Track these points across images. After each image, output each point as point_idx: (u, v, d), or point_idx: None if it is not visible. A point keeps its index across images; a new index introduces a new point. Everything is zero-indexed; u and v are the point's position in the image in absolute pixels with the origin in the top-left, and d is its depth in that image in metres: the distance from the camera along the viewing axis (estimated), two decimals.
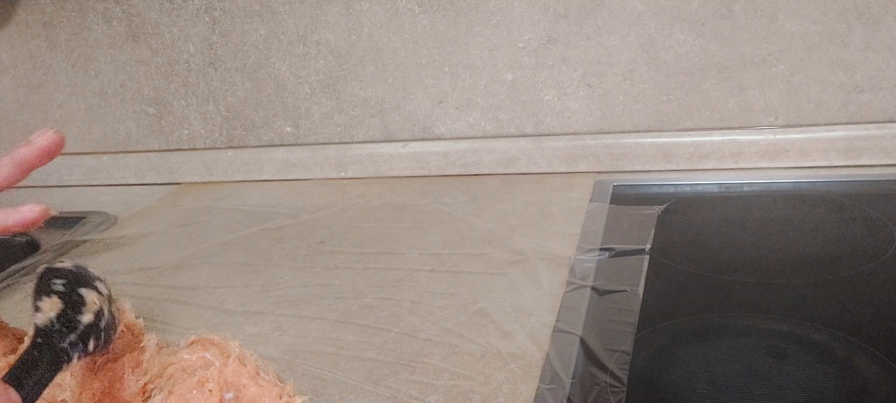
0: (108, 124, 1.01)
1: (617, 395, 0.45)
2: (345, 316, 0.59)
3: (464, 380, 0.48)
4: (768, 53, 0.76)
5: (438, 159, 0.89)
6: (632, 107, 0.82)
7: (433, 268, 0.65)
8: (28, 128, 1.03)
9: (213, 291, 0.65)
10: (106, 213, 0.89)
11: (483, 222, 0.74)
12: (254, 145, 0.96)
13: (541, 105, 0.85)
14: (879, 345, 0.48)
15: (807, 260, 0.62)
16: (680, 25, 0.78)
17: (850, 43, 0.74)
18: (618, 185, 0.79)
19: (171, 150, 1.00)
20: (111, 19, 0.95)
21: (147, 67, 0.96)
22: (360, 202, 0.84)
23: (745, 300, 0.57)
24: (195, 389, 0.41)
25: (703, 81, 0.79)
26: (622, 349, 0.50)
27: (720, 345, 0.51)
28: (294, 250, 0.73)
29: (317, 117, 0.93)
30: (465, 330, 0.54)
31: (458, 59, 0.85)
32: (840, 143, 0.77)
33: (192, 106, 0.96)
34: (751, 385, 0.45)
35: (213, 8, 0.90)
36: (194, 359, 0.43)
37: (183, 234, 0.81)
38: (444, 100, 0.87)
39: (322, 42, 0.89)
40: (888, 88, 0.75)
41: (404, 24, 0.85)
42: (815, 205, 0.72)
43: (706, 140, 0.80)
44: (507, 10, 0.82)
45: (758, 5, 0.75)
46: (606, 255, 0.63)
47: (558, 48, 0.82)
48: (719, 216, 0.72)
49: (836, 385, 0.45)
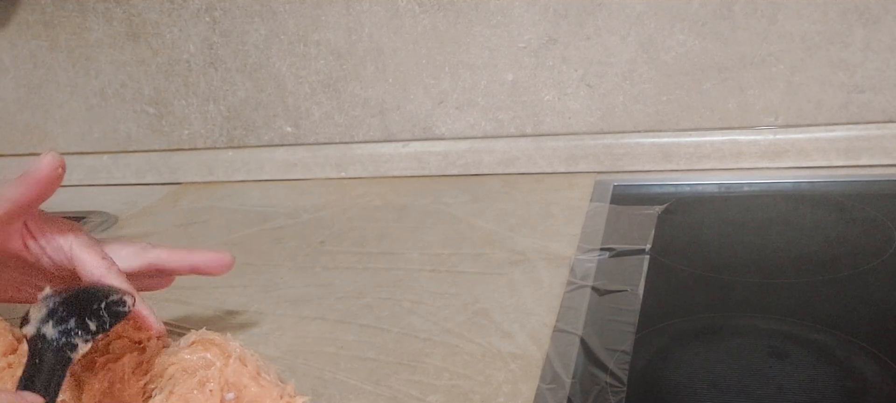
0: (108, 124, 1.01)
1: (617, 395, 0.45)
2: (345, 316, 0.59)
3: (464, 380, 0.48)
4: (768, 53, 0.77)
5: (438, 159, 0.89)
6: (632, 107, 0.82)
7: (433, 268, 0.65)
8: (28, 129, 1.03)
9: (214, 291, 0.65)
10: (107, 213, 0.89)
11: (483, 222, 0.74)
12: (254, 145, 0.96)
13: (541, 105, 0.85)
14: (879, 345, 0.48)
15: (807, 260, 0.62)
16: (680, 25, 0.78)
17: (850, 43, 0.74)
18: (618, 185, 0.79)
19: (171, 150, 1.00)
20: (112, 19, 0.95)
21: (147, 67, 0.96)
22: (361, 202, 0.84)
23: (745, 300, 0.57)
24: (196, 389, 0.41)
25: (703, 81, 0.79)
26: (622, 349, 0.50)
27: (720, 345, 0.51)
28: (294, 250, 0.73)
29: (317, 117, 0.93)
30: (465, 330, 0.55)
31: (458, 59, 0.85)
32: (840, 143, 0.77)
33: (192, 106, 0.97)
34: (751, 385, 0.46)
35: (213, 8, 0.91)
36: (195, 359, 0.43)
37: (183, 234, 0.81)
38: (445, 100, 0.87)
39: (322, 42, 0.89)
40: (888, 88, 0.75)
41: (405, 24, 0.85)
42: (815, 205, 0.72)
43: (706, 140, 0.80)
44: (508, 10, 0.82)
45: (758, 5, 0.75)
46: (606, 255, 0.63)
47: (558, 48, 0.82)
48: (719, 216, 0.72)
49: (836, 385, 0.45)
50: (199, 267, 0.49)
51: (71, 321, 0.39)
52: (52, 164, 0.41)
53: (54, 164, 0.41)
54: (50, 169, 0.41)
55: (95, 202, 0.95)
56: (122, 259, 0.46)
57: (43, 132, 1.03)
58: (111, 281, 0.44)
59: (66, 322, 0.39)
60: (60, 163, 0.42)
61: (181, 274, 0.51)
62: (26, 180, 0.42)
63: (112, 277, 0.44)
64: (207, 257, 0.49)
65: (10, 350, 0.47)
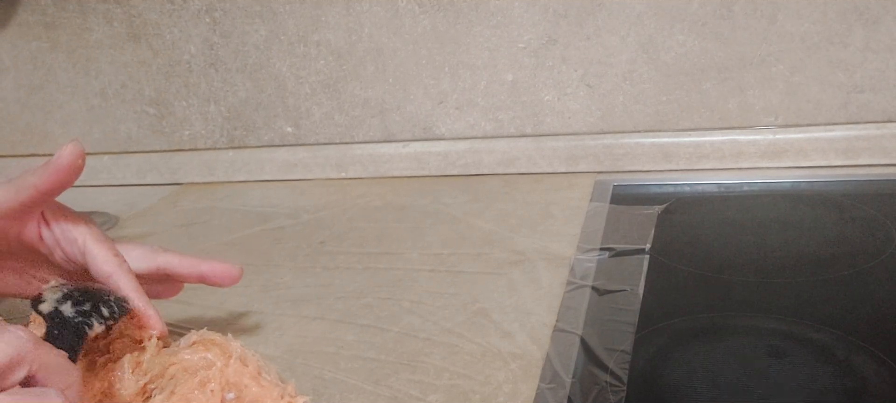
0: (109, 125, 1.01)
1: (617, 394, 0.45)
2: (345, 316, 0.59)
3: (464, 380, 0.49)
4: (768, 53, 0.77)
5: (438, 159, 0.89)
6: (632, 107, 0.82)
7: (433, 268, 0.65)
8: (28, 129, 1.04)
9: (214, 292, 0.65)
10: (107, 214, 0.90)
11: (483, 222, 0.74)
12: (254, 145, 0.96)
13: (541, 105, 0.85)
14: (879, 344, 0.48)
15: (806, 260, 0.62)
16: (680, 25, 0.78)
17: (849, 43, 0.75)
18: (618, 185, 0.79)
19: (172, 151, 1.00)
20: (112, 20, 0.95)
21: (148, 68, 0.96)
22: (361, 202, 0.84)
23: (744, 299, 0.57)
24: (197, 389, 0.41)
25: (703, 81, 0.79)
26: (622, 348, 0.50)
27: (720, 345, 0.51)
28: (295, 250, 0.73)
29: (317, 117, 0.93)
30: (465, 330, 0.55)
31: (458, 59, 0.85)
32: (839, 143, 0.77)
33: (193, 106, 0.97)
34: (751, 385, 0.46)
35: (213, 9, 0.91)
36: (196, 359, 0.43)
37: (184, 234, 0.81)
38: (445, 101, 0.88)
39: (322, 42, 0.89)
40: (888, 88, 0.75)
41: (404, 24, 0.85)
42: (815, 205, 0.72)
43: (706, 140, 0.80)
44: (507, 10, 0.82)
45: (758, 5, 0.75)
46: (606, 255, 0.63)
47: (558, 48, 0.82)
48: (719, 216, 0.72)
49: (835, 385, 0.45)
50: (207, 276, 0.50)
51: (86, 304, 0.41)
52: (75, 153, 0.43)
53: (76, 153, 0.43)
54: (72, 157, 0.43)
55: (96, 202, 0.95)
56: (133, 260, 0.47)
57: (43, 132, 1.03)
58: (121, 278, 0.44)
59: (82, 304, 0.41)
60: (82, 153, 0.43)
61: (189, 281, 0.52)
62: (49, 168, 0.43)
63: (122, 274, 0.44)
64: (216, 268, 0.50)
65: None
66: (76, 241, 0.46)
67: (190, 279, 0.51)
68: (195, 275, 0.50)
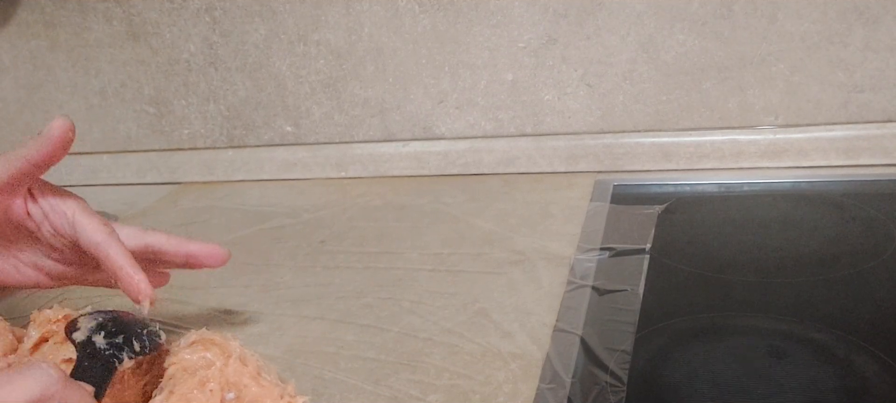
0: (108, 124, 1.01)
1: (617, 394, 0.45)
2: (345, 316, 0.59)
3: (464, 380, 0.49)
4: (768, 53, 0.77)
5: (438, 159, 0.89)
6: (632, 107, 0.82)
7: (433, 268, 0.65)
8: (28, 128, 1.04)
9: (214, 291, 0.65)
10: (107, 213, 0.89)
11: (483, 222, 0.74)
12: (254, 145, 0.96)
13: (541, 105, 0.85)
14: (879, 344, 0.48)
15: (807, 260, 0.62)
16: (680, 25, 0.78)
17: (849, 43, 0.75)
18: (618, 185, 0.79)
19: (171, 150, 1.00)
20: (112, 19, 0.95)
21: (147, 67, 0.96)
22: (361, 202, 0.84)
23: (745, 299, 0.57)
24: (196, 389, 0.41)
25: (703, 81, 0.79)
26: (622, 348, 0.50)
27: (720, 345, 0.51)
28: (294, 250, 0.73)
29: (317, 117, 0.93)
30: (465, 330, 0.55)
31: (458, 58, 0.85)
32: (839, 143, 0.77)
33: (192, 105, 0.97)
34: (751, 385, 0.46)
35: (213, 8, 0.91)
36: (195, 359, 0.43)
37: (183, 234, 0.80)
38: (445, 100, 0.87)
39: (322, 42, 0.89)
40: (888, 88, 0.75)
41: (404, 24, 0.85)
42: (815, 205, 0.72)
43: (706, 140, 0.80)
44: (507, 10, 0.82)
45: (758, 5, 0.75)
46: (606, 255, 0.63)
47: (558, 48, 0.82)
48: (719, 216, 0.72)
49: (836, 385, 0.45)
50: (195, 256, 0.50)
51: (119, 337, 0.41)
52: (64, 127, 0.43)
53: (66, 127, 0.43)
54: (63, 130, 0.43)
55: (95, 202, 0.94)
56: (121, 238, 0.47)
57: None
58: (111, 246, 0.44)
59: (115, 337, 0.41)
60: (72, 126, 0.43)
61: (176, 263, 0.51)
62: (38, 140, 0.43)
63: (112, 243, 0.44)
64: (204, 248, 0.50)
65: (11, 350, 0.47)
66: (65, 214, 0.46)
67: (177, 259, 0.51)
68: (182, 255, 0.50)
